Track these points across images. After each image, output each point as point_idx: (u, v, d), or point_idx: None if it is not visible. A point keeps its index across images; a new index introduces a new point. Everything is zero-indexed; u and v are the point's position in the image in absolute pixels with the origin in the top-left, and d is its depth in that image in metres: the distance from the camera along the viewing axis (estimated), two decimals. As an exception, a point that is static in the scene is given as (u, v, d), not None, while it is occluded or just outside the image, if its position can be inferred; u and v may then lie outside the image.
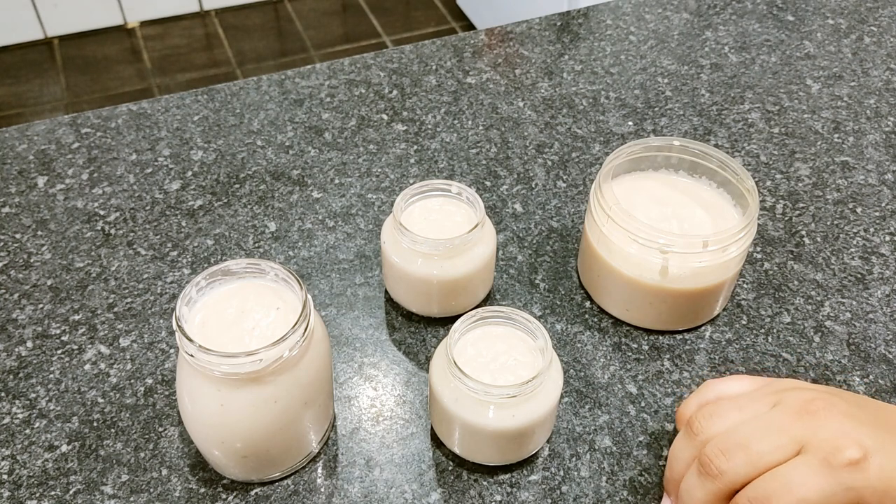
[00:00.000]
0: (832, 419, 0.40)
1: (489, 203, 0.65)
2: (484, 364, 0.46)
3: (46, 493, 0.47)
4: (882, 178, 0.67)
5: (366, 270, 0.60)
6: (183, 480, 0.48)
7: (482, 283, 0.55)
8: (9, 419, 0.50)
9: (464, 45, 0.82)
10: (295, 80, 0.77)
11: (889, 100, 0.75)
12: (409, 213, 0.54)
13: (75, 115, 0.73)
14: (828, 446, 0.39)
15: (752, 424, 0.41)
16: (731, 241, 0.51)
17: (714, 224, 0.55)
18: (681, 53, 0.81)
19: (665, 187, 0.58)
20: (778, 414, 0.41)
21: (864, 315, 0.57)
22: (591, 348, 0.55)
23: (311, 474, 0.48)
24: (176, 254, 0.61)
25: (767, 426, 0.41)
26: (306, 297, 0.43)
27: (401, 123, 0.73)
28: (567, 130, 0.72)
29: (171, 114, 0.73)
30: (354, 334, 0.56)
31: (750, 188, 0.53)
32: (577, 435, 0.50)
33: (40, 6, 2.16)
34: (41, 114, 2.01)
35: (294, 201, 0.65)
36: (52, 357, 0.54)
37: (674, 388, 0.53)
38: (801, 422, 0.40)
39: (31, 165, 0.68)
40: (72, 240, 0.62)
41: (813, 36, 0.83)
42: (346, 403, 0.52)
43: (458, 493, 0.47)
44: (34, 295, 0.58)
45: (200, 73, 2.15)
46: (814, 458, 0.39)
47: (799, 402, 0.41)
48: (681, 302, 0.53)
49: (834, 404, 0.40)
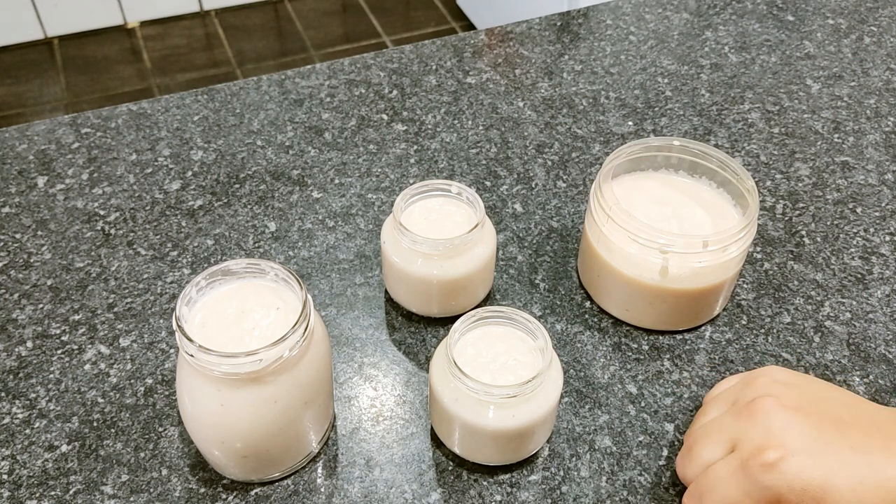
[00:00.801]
0: (770, 418, 0.42)
1: (489, 203, 0.65)
2: (484, 364, 0.46)
3: (46, 493, 0.47)
4: (882, 178, 0.67)
5: (366, 270, 0.60)
6: (183, 480, 0.48)
7: (482, 283, 0.55)
8: (9, 419, 0.50)
9: (464, 45, 0.82)
10: (295, 80, 0.77)
11: (889, 100, 0.75)
12: (409, 213, 0.54)
13: (75, 115, 0.73)
14: (751, 447, 0.41)
15: (704, 427, 0.45)
16: (731, 241, 0.51)
17: (714, 224, 0.55)
18: (681, 53, 0.81)
19: (665, 187, 0.58)
20: (725, 415, 0.44)
21: (864, 315, 0.57)
22: (591, 348, 0.55)
23: (311, 474, 0.48)
24: (176, 254, 0.61)
25: (713, 427, 0.44)
26: (306, 297, 0.43)
27: (401, 123, 0.73)
28: (567, 130, 0.72)
29: (171, 114, 0.73)
30: (354, 334, 0.56)
31: (750, 188, 0.53)
32: (577, 435, 0.50)
33: (40, 6, 2.16)
34: (41, 114, 2.01)
35: (294, 201, 0.65)
36: (52, 357, 0.54)
37: (674, 388, 0.53)
38: (738, 422, 0.43)
39: (31, 165, 0.68)
40: (72, 240, 0.62)
41: (813, 36, 0.83)
42: (346, 403, 0.52)
43: (458, 493, 0.47)
44: (34, 295, 0.58)
45: (200, 73, 2.15)
46: (736, 458, 0.41)
47: (746, 401, 0.44)
48: (681, 302, 0.53)
49: (783, 401, 0.42)
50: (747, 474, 0.40)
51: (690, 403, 0.52)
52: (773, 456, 0.40)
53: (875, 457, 0.40)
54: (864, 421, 0.42)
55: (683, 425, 0.51)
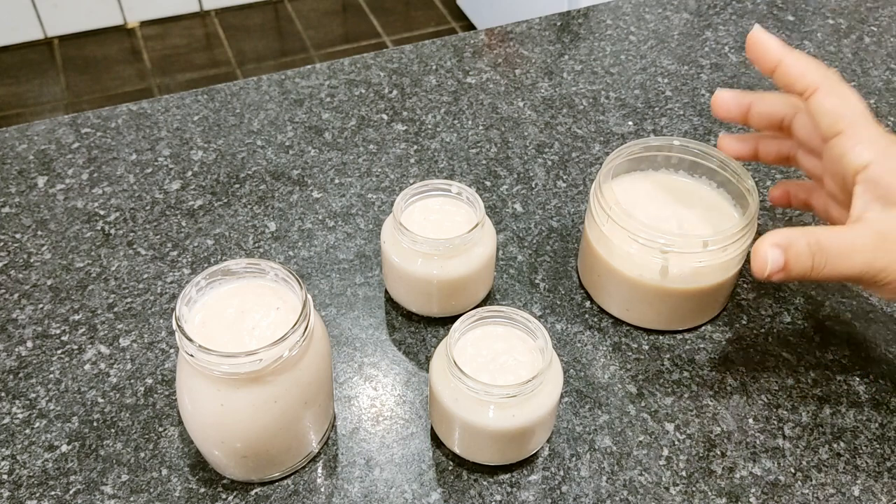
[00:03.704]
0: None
1: (489, 203, 0.65)
2: (484, 364, 0.46)
3: (46, 493, 0.47)
4: (882, 178, 0.67)
5: (366, 270, 0.60)
6: (183, 480, 0.48)
7: (482, 283, 0.55)
8: (9, 419, 0.50)
9: (464, 45, 0.82)
10: (295, 80, 0.77)
11: (889, 100, 0.75)
12: (409, 213, 0.54)
13: (75, 115, 0.73)
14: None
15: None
16: (731, 242, 0.51)
17: (714, 224, 0.55)
18: (681, 53, 0.81)
19: (665, 187, 0.58)
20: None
21: (864, 315, 0.57)
22: (591, 348, 0.55)
23: (311, 474, 0.48)
24: (176, 254, 0.61)
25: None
26: (306, 296, 0.43)
27: (401, 123, 0.73)
28: (567, 130, 0.72)
29: (171, 114, 0.73)
30: (354, 334, 0.56)
31: (750, 188, 0.53)
32: (577, 435, 0.50)
33: (40, 6, 2.16)
34: (41, 114, 2.01)
35: (294, 201, 0.65)
36: (52, 357, 0.54)
37: (674, 388, 0.53)
38: None
39: (31, 165, 0.68)
40: (72, 240, 0.62)
41: (813, 36, 0.83)
42: (346, 403, 0.52)
43: (458, 493, 0.47)
44: (34, 295, 0.58)
45: (200, 73, 2.15)
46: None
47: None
48: (681, 302, 0.53)
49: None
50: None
51: (690, 403, 0.52)
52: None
53: None
54: None
55: (683, 425, 0.51)
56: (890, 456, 0.49)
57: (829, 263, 0.45)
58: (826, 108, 0.47)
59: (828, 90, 0.47)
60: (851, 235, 0.45)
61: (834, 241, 0.45)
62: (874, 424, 0.51)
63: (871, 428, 0.51)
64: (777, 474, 0.48)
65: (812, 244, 0.44)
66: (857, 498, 0.47)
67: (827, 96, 0.47)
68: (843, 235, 0.45)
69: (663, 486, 0.48)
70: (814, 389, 0.53)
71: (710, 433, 0.50)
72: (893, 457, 0.49)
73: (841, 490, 0.48)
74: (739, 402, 0.52)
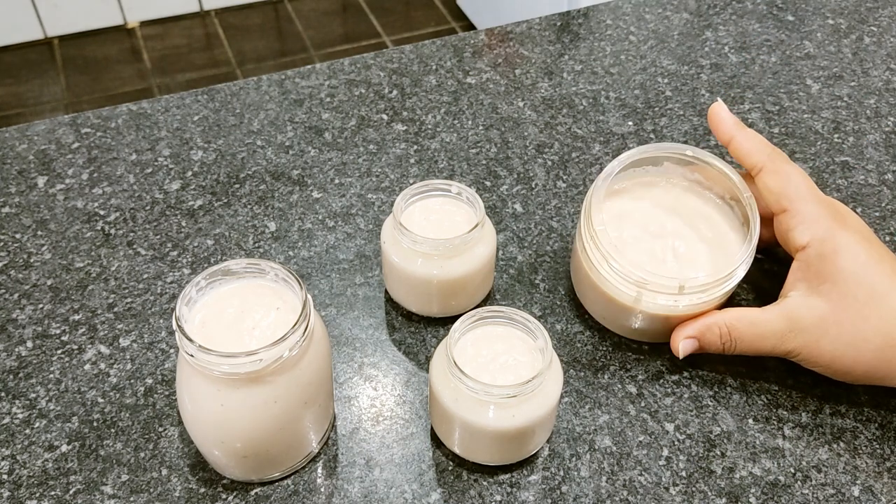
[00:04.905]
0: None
1: (489, 203, 0.65)
2: (484, 364, 0.46)
3: (46, 493, 0.47)
4: (882, 178, 0.67)
5: (366, 270, 0.60)
6: (183, 480, 0.48)
7: (482, 283, 0.55)
8: (9, 419, 0.50)
9: (464, 45, 0.82)
10: (295, 80, 0.77)
11: (889, 100, 0.75)
12: (409, 213, 0.54)
13: (75, 115, 0.73)
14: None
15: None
16: (710, 288, 0.50)
17: (713, 250, 0.53)
18: (681, 53, 0.81)
19: (666, 204, 0.56)
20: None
21: (864, 315, 0.57)
22: (591, 348, 0.55)
23: (311, 474, 0.48)
24: (176, 254, 0.61)
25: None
26: (306, 297, 0.43)
27: (401, 123, 0.73)
28: (567, 130, 0.72)
29: (171, 114, 0.73)
30: (354, 334, 0.56)
31: (752, 209, 0.51)
32: (577, 435, 0.50)
33: (40, 6, 2.16)
34: (41, 114, 2.01)
35: (294, 201, 0.65)
36: (52, 357, 0.54)
37: (674, 388, 0.53)
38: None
39: (31, 165, 0.68)
40: (72, 240, 0.62)
41: (813, 36, 0.83)
42: (346, 403, 0.52)
43: (458, 493, 0.47)
44: (34, 295, 0.58)
45: (200, 73, 2.15)
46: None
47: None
48: (659, 323, 0.52)
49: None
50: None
51: (690, 403, 0.52)
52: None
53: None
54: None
55: (683, 425, 0.51)
56: (890, 456, 0.49)
57: (739, 347, 0.50)
58: (770, 187, 0.50)
59: (771, 170, 0.50)
60: (764, 320, 0.50)
61: (745, 328, 0.50)
62: (874, 424, 0.51)
63: (870, 428, 0.51)
64: (777, 474, 0.48)
65: (724, 334, 0.50)
66: (857, 498, 0.47)
67: (770, 176, 0.50)
68: (756, 321, 0.50)
69: (663, 486, 0.48)
70: (814, 389, 0.53)
71: (710, 433, 0.50)
72: (893, 457, 0.49)
73: (841, 490, 0.48)
74: (739, 402, 0.52)
